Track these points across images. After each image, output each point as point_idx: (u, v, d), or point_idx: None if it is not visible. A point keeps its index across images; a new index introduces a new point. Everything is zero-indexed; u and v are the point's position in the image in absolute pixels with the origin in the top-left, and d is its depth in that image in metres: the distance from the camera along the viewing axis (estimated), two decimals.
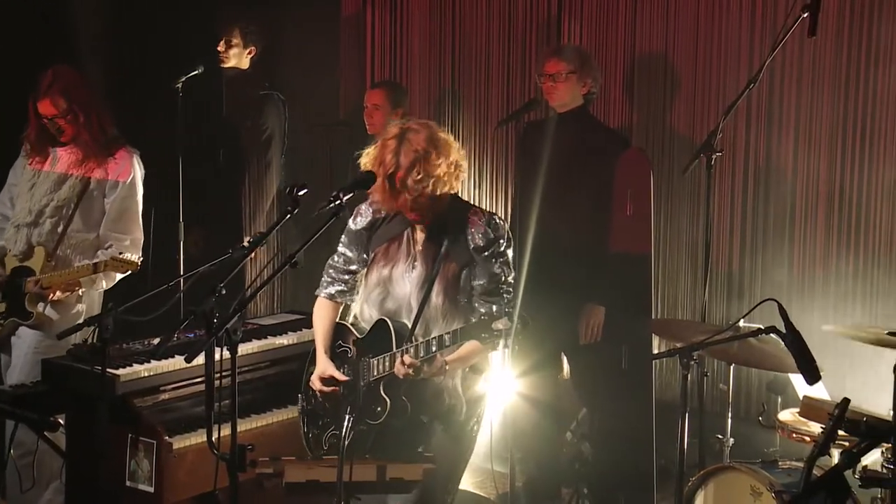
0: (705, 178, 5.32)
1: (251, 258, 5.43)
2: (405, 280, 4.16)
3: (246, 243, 4.28)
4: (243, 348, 4.80)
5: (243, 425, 4.72)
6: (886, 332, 4.21)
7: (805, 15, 4.96)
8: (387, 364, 4.04)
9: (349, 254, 4.36)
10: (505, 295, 4.11)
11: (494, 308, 4.05)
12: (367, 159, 4.11)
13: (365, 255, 4.32)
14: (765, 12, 5.82)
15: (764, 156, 5.92)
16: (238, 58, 6.42)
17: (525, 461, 5.85)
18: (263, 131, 6.32)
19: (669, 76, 6.20)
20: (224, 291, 4.01)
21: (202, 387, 4.15)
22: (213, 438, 3.64)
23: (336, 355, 4.31)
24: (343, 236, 4.39)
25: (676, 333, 4.89)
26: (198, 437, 4.66)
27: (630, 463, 5.55)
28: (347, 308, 4.45)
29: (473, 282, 4.12)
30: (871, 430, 3.86)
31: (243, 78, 6.45)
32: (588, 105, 5.76)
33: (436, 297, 4.09)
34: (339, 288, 4.40)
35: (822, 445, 3.21)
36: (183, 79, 6.02)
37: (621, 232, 5.56)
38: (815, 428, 4.61)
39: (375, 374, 4.09)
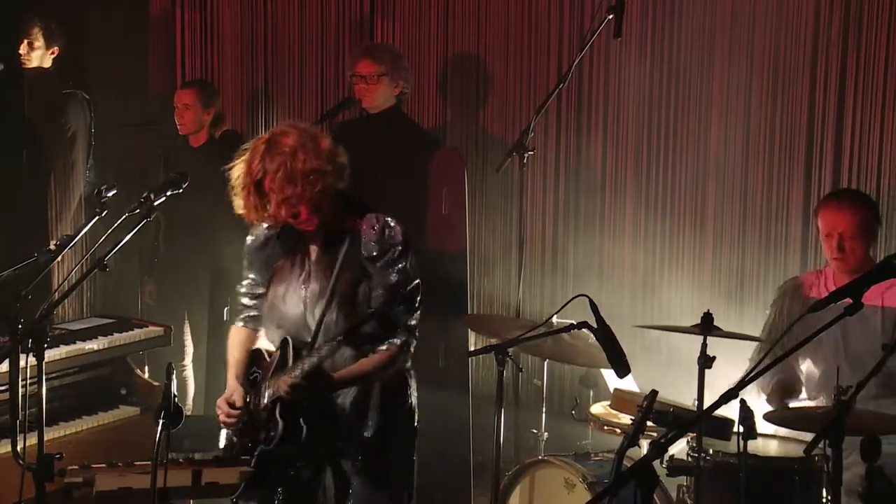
0: (518, 176, 5.42)
1: (58, 261, 5.27)
2: (298, 298, 3.90)
3: (52, 246, 4.16)
4: (50, 354, 4.65)
5: (51, 433, 4.58)
6: (690, 325, 4.34)
7: (610, 17, 5.10)
8: (279, 384, 3.81)
9: (252, 276, 4.13)
10: (402, 304, 3.85)
11: (390, 322, 3.81)
12: (237, 172, 3.87)
13: (267, 275, 4.05)
14: (572, 14, 5.95)
15: (574, 154, 6.05)
16: (41, 58, 6.23)
17: None
18: (67, 131, 6.14)
19: (482, 75, 6.28)
20: (29, 296, 3.90)
21: (6, 395, 4.00)
22: (19, 448, 3.53)
23: (250, 383, 4.02)
24: (244, 258, 4.15)
25: (492, 329, 4.95)
26: (1, 447, 4.49)
27: (447, 459, 5.59)
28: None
29: (372, 293, 3.85)
30: (678, 421, 4.00)
31: (46, 77, 6.25)
32: (400, 105, 5.78)
33: (330, 316, 3.84)
34: (251, 313, 4.14)
35: (632, 437, 3.30)
36: None
37: (436, 230, 5.60)
38: (626, 420, 4.72)
39: (269, 395, 3.86)
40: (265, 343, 4.10)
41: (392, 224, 3.89)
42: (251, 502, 3.97)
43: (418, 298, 3.92)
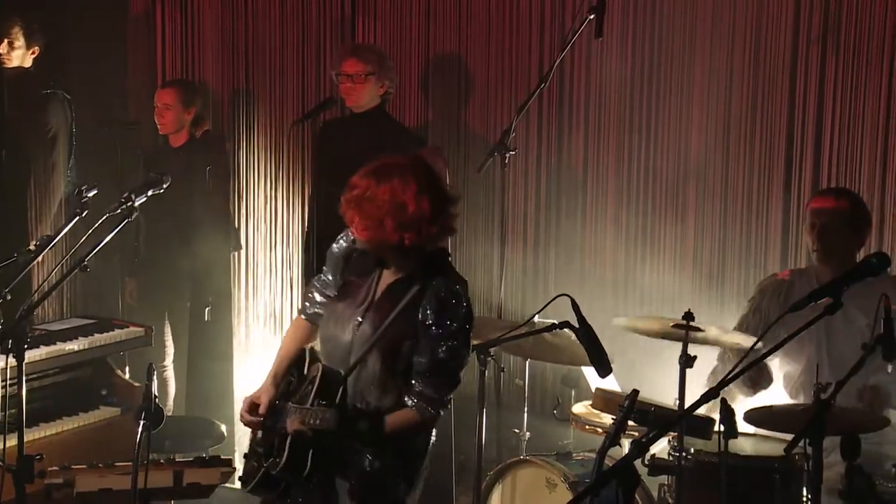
0: (500, 176, 5.42)
1: (38, 262, 5.27)
2: (351, 327, 3.77)
3: (32, 246, 4.15)
4: (31, 355, 4.61)
5: (31, 434, 4.54)
6: (672, 325, 4.35)
7: (591, 17, 5.11)
8: (292, 416, 3.70)
9: (327, 277, 3.96)
10: (443, 380, 3.70)
11: (429, 392, 3.67)
12: None
13: (338, 281, 3.93)
14: (554, 14, 5.95)
15: (556, 154, 6.06)
16: (21, 58, 6.21)
17: None
18: (48, 131, 6.12)
19: (464, 75, 6.28)
20: (9, 297, 3.89)
21: None
22: None
23: (287, 383, 3.91)
24: (328, 254, 3.99)
25: (473, 330, 4.95)
26: None
27: (429, 459, 5.58)
28: None
29: (415, 357, 3.70)
30: (659, 420, 4.01)
31: (26, 77, 6.23)
32: (384, 104, 5.79)
33: (373, 363, 3.70)
34: (317, 310, 3.99)
35: (613, 436, 3.30)
36: None
37: None
38: (607, 419, 4.73)
39: (283, 421, 3.74)
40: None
41: (461, 300, 3.71)
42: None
43: (459, 377, 3.76)
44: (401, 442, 3.78)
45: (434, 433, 3.89)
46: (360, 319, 3.76)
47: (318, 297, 4.00)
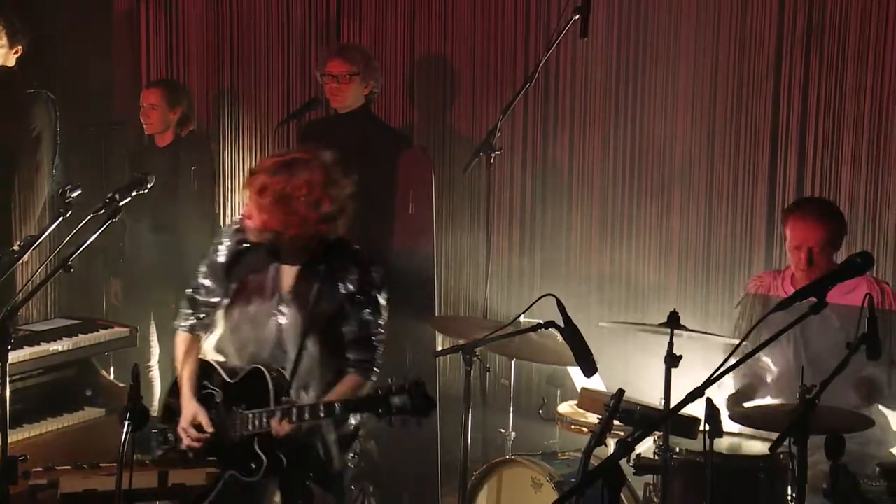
0: (485, 176, 5.42)
1: (22, 262, 5.25)
2: (273, 324, 3.95)
3: (16, 247, 4.13)
4: (14, 355, 4.61)
5: (15, 436, 4.54)
6: (657, 323, 4.36)
7: (576, 17, 5.11)
8: (264, 420, 3.81)
9: (209, 284, 4.12)
10: (375, 342, 4.00)
11: (365, 356, 3.97)
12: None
13: (227, 286, 4.07)
14: (539, 14, 5.97)
15: (541, 153, 6.06)
16: (4, 58, 6.17)
17: None
18: (31, 131, 6.09)
19: (449, 75, 6.28)
20: None
21: None
22: None
23: (202, 397, 4.04)
24: (203, 265, 4.13)
25: (459, 330, 4.95)
26: None
27: (415, 459, 5.59)
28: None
29: (344, 328, 3.96)
30: (645, 419, 4.01)
31: (9, 77, 6.19)
32: (369, 105, 5.78)
33: (312, 347, 3.91)
34: (200, 320, 4.16)
35: (599, 436, 3.30)
36: None
37: (403, 230, 5.60)
38: (593, 419, 4.74)
39: (250, 428, 3.86)
40: (210, 350, 4.12)
41: (373, 265, 3.98)
42: None
43: (384, 337, 4.04)
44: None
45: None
46: (277, 313, 3.92)
47: (199, 308, 4.15)
